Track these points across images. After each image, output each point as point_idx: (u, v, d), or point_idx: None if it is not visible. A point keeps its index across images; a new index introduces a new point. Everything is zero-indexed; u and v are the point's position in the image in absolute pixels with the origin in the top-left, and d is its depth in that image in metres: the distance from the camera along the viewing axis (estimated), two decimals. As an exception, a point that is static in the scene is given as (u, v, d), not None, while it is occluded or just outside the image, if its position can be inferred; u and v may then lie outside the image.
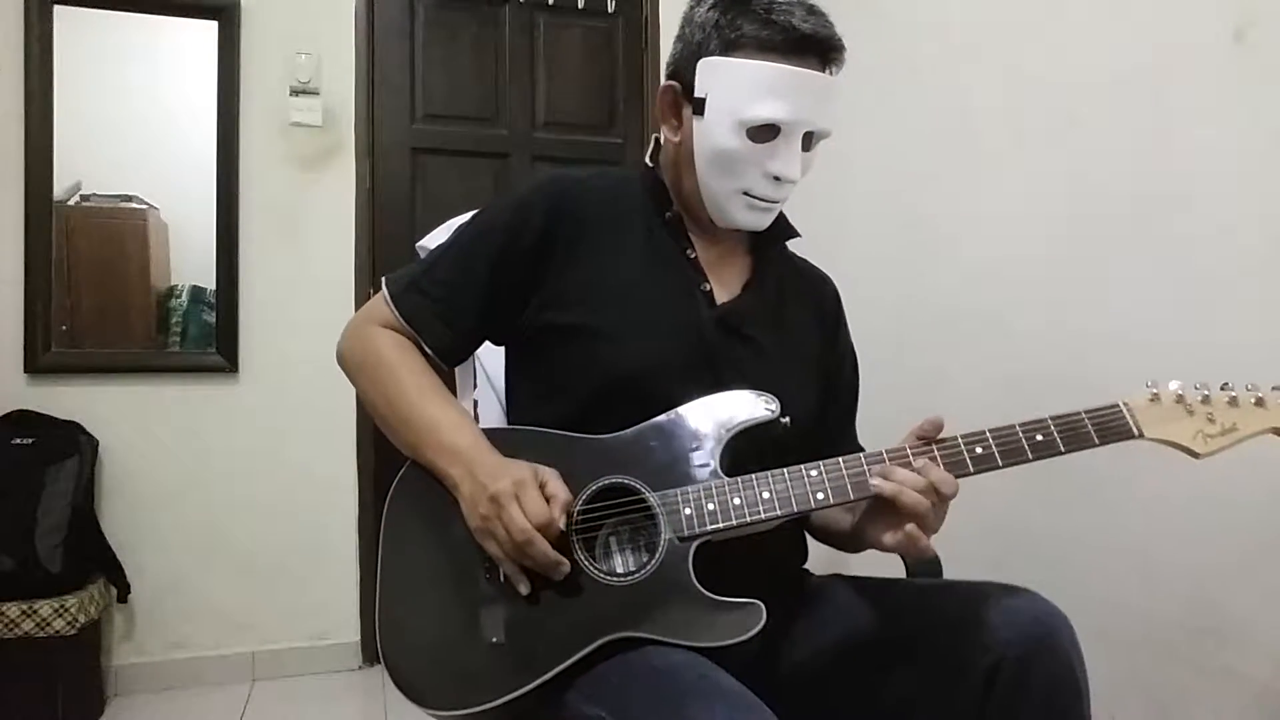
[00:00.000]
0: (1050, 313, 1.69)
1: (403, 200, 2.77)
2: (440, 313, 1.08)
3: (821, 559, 1.20)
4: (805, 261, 1.26)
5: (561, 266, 1.07)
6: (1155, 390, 0.95)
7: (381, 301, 1.11)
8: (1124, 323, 1.53)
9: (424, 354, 1.09)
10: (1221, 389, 0.94)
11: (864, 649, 1.02)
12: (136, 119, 2.58)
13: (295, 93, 2.56)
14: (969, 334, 1.90)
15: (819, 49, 1.02)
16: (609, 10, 2.94)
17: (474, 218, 1.14)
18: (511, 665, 0.91)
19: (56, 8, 2.43)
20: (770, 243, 1.17)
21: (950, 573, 1.24)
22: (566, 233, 1.08)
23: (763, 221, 1.09)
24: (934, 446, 0.95)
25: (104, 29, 2.53)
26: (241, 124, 2.58)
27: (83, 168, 2.50)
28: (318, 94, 2.58)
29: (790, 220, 1.19)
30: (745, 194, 1.05)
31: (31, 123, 2.41)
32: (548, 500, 0.92)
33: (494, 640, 0.93)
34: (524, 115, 2.90)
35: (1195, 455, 0.93)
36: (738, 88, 1.01)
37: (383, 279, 1.13)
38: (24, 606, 2.14)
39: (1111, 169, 1.57)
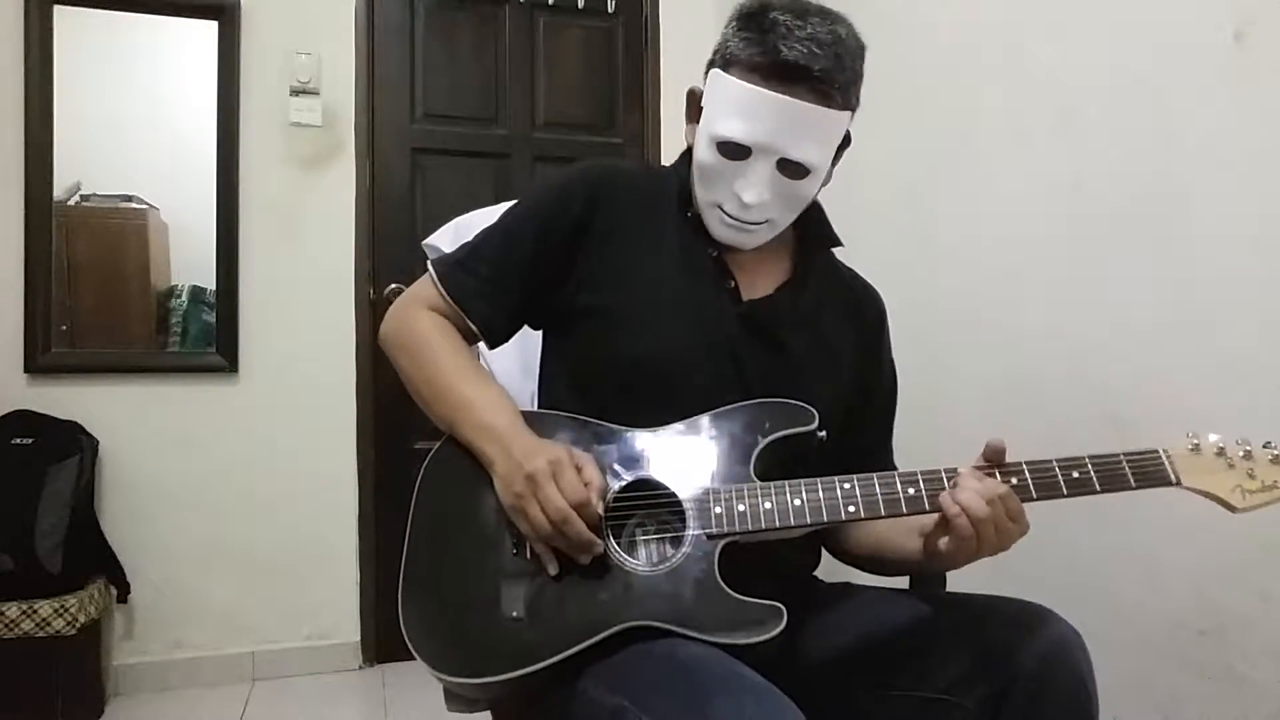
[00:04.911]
0: (1050, 313, 1.69)
1: (403, 200, 2.77)
2: (486, 291, 1.10)
3: (827, 565, 1.20)
4: (853, 272, 1.24)
5: (594, 252, 1.09)
6: (1195, 441, 0.94)
7: (428, 282, 1.13)
8: (1124, 323, 1.53)
9: (467, 335, 1.11)
10: (1264, 446, 0.93)
11: (873, 656, 1.02)
12: (136, 119, 2.59)
13: (295, 93, 2.56)
14: (969, 334, 1.90)
15: (804, 77, 0.98)
16: (609, 10, 2.93)
17: (519, 201, 1.18)
18: (530, 641, 0.92)
19: (56, 8, 2.43)
20: (811, 247, 1.17)
21: (954, 574, 1.24)
22: (602, 220, 1.10)
23: (741, 240, 1.08)
24: (960, 473, 0.94)
25: (104, 29, 2.53)
26: (241, 124, 2.58)
27: (83, 168, 2.50)
28: (318, 94, 2.58)
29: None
30: (719, 208, 1.06)
31: (31, 123, 2.41)
32: (585, 485, 0.93)
33: (514, 615, 0.94)
34: (524, 115, 2.90)
35: (1233, 509, 0.92)
36: (718, 103, 1.03)
37: (429, 260, 1.16)
38: (24, 606, 2.14)
39: (1111, 169, 1.57)
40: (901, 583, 1.17)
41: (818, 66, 0.97)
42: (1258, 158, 1.33)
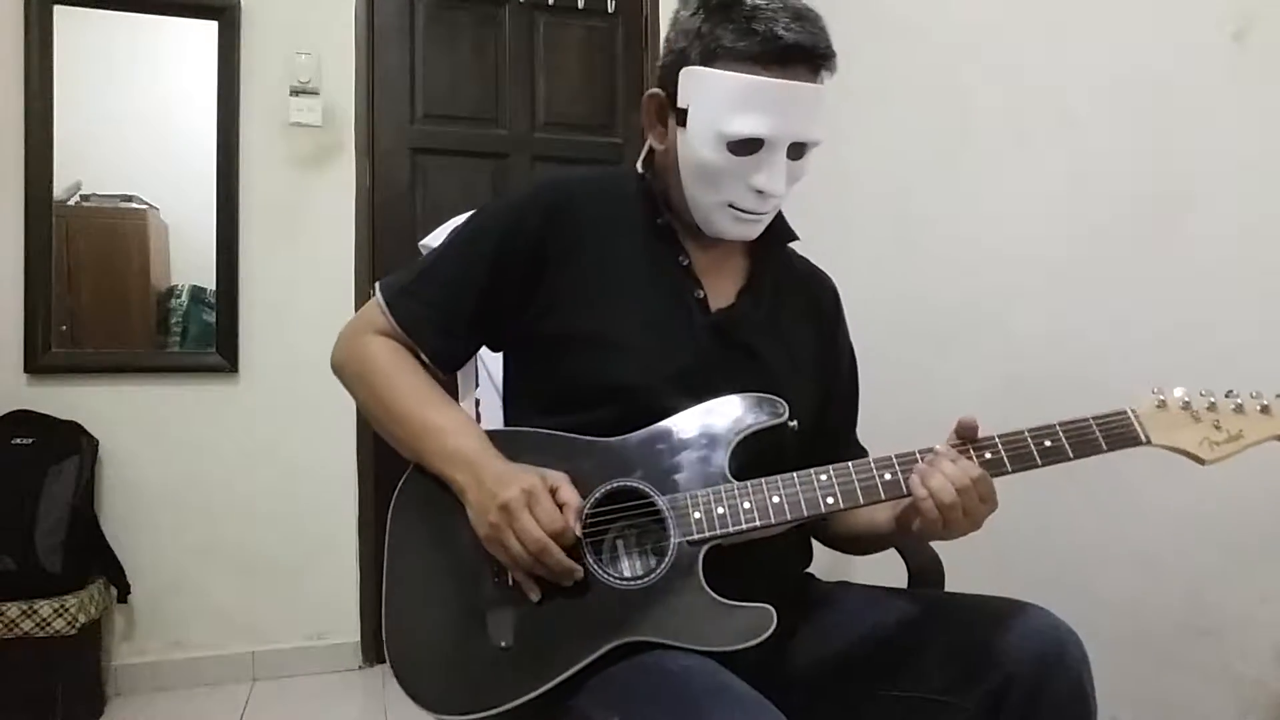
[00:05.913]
0: (1050, 313, 1.69)
1: (403, 200, 2.77)
2: (436, 319, 1.07)
3: (825, 564, 1.20)
4: (805, 261, 1.24)
5: (557, 271, 1.05)
6: (1161, 396, 0.94)
7: (375, 308, 1.09)
8: (1124, 323, 1.53)
9: (420, 361, 1.08)
10: (1226, 396, 0.94)
11: (870, 658, 1.01)
12: (136, 119, 2.58)
13: (295, 93, 2.56)
14: (969, 334, 1.90)
15: (805, 57, 0.97)
16: (609, 10, 2.93)
17: (468, 221, 1.12)
18: (521, 669, 0.91)
19: (56, 8, 2.43)
20: (768, 246, 1.15)
21: (953, 574, 1.24)
22: (563, 237, 1.06)
23: (750, 232, 1.07)
24: (936, 452, 0.95)
25: (104, 29, 2.53)
26: (241, 124, 2.58)
27: (83, 168, 2.50)
28: (318, 94, 2.58)
29: (789, 221, 1.18)
30: (730, 206, 1.03)
31: (31, 123, 2.41)
32: (560, 507, 0.91)
33: (503, 644, 0.93)
34: (524, 115, 2.90)
35: (1201, 462, 0.93)
36: (718, 101, 0.99)
37: (376, 284, 1.11)
38: (24, 606, 2.14)
39: (1112, 169, 1.57)
40: (899, 581, 1.17)
41: (812, 43, 0.97)
42: (1258, 158, 1.33)
